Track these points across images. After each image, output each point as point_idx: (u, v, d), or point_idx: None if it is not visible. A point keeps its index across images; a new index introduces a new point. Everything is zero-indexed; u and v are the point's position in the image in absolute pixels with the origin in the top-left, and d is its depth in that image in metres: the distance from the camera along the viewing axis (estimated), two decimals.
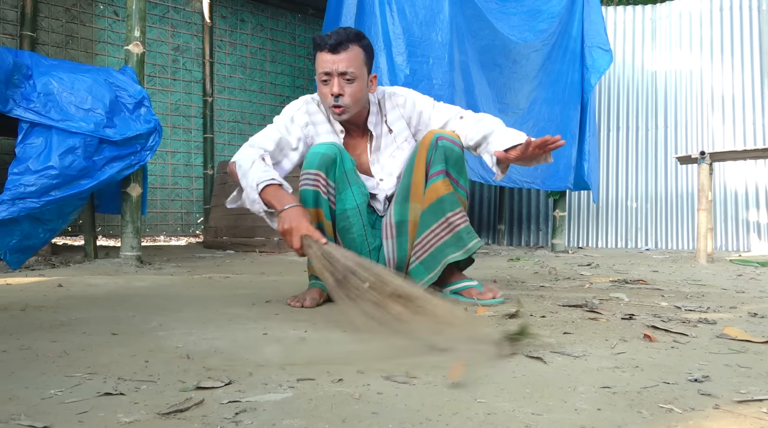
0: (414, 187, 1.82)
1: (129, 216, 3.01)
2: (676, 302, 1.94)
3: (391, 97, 1.96)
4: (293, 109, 1.92)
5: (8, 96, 2.57)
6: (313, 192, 1.77)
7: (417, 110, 1.95)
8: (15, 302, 1.76)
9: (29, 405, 0.81)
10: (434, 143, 1.79)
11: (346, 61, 1.76)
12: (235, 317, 1.57)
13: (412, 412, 0.80)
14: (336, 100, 1.78)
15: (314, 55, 1.84)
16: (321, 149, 1.78)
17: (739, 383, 0.95)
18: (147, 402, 0.82)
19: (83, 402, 0.82)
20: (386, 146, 1.95)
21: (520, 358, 1.11)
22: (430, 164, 1.80)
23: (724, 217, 5.42)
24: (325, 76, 1.78)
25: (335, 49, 1.76)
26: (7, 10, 4.58)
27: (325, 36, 1.78)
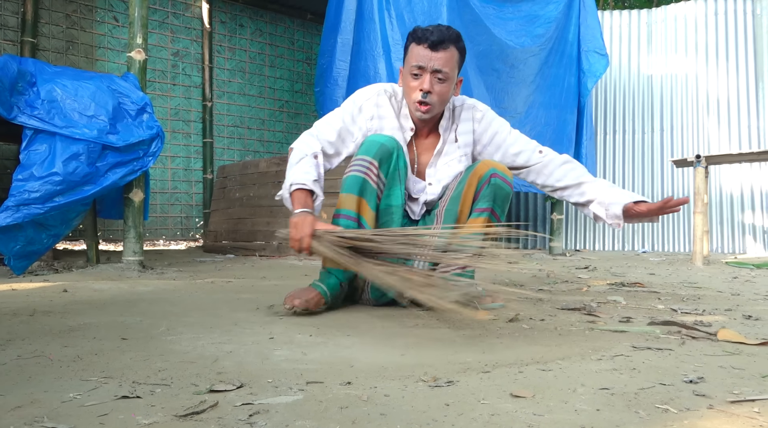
0: (459, 216, 1.83)
1: (131, 221, 3.04)
2: (673, 304, 1.98)
3: (470, 108, 1.94)
4: (363, 98, 1.88)
5: (12, 103, 2.59)
6: (361, 179, 1.73)
7: (492, 130, 1.93)
8: (23, 308, 1.78)
9: (50, 408, 0.84)
10: (487, 178, 1.78)
11: (443, 59, 1.74)
12: (240, 321, 1.60)
13: (419, 413, 0.83)
14: (424, 96, 1.76)
15: (407, 45, 1.82)
16: (381, 139, 1.75)
17: (732, 384, 0.98)
18: (163, 405, 0.85)
19: (102, 405, 0.85)
20: (447, 153, 1.92)
21: (521, 361, 1.14)
22: (478, 198, 1.80)
23: (720, 219, 5.47)
24: (418, 69, 1.75)
25: (436, 46, 1.73)
26: (8, 17, 4.61)
27: (427, 30, 1.76)
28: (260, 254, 4.37)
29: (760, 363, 1.13)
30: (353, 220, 1.73)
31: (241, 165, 4.97)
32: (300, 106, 6.50)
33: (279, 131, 6.34)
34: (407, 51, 1.81)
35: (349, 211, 1.73)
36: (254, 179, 4.71)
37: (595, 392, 0.94)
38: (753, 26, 5.55)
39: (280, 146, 6.36)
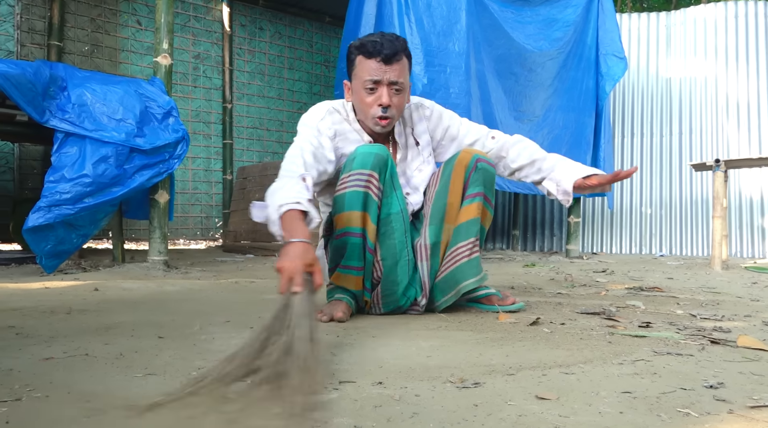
0: (449, 207, 1.79)
1: (157, 222, 3.11)
2: (692, 310, 1.99)
3: (418, 108, 1.92)
4: (316, 119, 1.77)
5: (45, 107, 2.68)
6: (363, 194, 1.64)
7: (443, 125, 1.94)
8: (59, 306, 1.85)
9: (105, 402, 0.89)
10: (473, 165, 1.77)
11: (397, 71, 1.72)
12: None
13: (449, 413, 0.88)
14: (384, 110, 1.72)
15: (353, 59, 1.76)
16: (373, 149, 1.67)
17: (752, 390, 1.01)
18: (214, 401, 0.90)
19: (152, 399, 0.91)
20: (413, 159, 1.90)
21: (545, 364, 1.18)
22: (468, 185, 1.78)
23: (738, 223, 5.44)
24: (373, 84, 1.71)
25: (389, 59, 1.70)
26: (35, 21, 4.72)
27: (375, 43, 1.71)
28: (279, 254, 4.43)
29: None
30: (360, 236, 1.66)
31: (260, 166, 5.04)
32: None
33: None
34: (354, 64, 1.76)
35: (356, 228, 1.66)
36: (274, 180, 4.77)
37: (617, 395, 0.97)
38: None
39: None
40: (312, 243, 1.32)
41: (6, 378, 1.02)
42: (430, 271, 1.80)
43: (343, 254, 1.69)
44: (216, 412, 0.83)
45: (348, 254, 1.68)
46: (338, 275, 1.73)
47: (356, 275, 1.71)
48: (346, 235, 1.67)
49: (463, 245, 1.77)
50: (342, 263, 1.71)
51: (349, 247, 1.67)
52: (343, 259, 1.69)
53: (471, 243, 1.77)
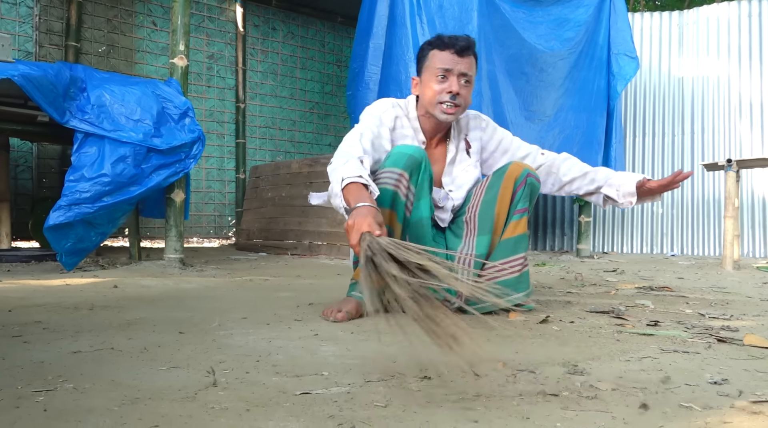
0: (497, 219, 1.82)
1: (173, 220, 3.17)
2: (701, 309, 2.02)
3: (475, 117, 2.04)
4: (380, 110, 1.88)
5: (65, 108, 2.74)
6: (392, 192, 1.66)
7: (498, 137, 2.04)
8: (81, 302, 1.91)
9: (133, 393, 0.94)
10: (524, 179, 1.81)
11: (468, 64, 1.83)
12: (284, 318, 1.70)
13: (464, 401, 0.91)
14: (453, 97, 1.81)
15: (425, 54, 1.86)
16: (409, 150, 1.71)
17: (755, 386, 1.04)
18: (242, 396, 0.95)
19: (180, 390, 0.96)
20: (461, 161, 1.98)
21: (553, 360, 1.22)
22: (516, 199, 1.81)
23: (751, 223, 5.42)
24: (445, 72, 1.81)
25: (462, 52, 1.81)
26: (53, 22, 4.80)
27: (452, 38, 1.83)
28: (292, 252, 4.49)
29: None
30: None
31: (273, 166, 5.10)
32: (330, 107, 6.61)
33: (309, 131, 6.46)
34: (428, 58, 1.85)
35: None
36: (286, 180, 4.83)
37: (623, 390, 1.00)
38: None
39: (311, 147, 6.48)
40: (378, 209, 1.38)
41: (39, 370, 1.07)
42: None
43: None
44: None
45: None
46: (359, 270, 1.71)
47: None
48: None
49: (514, 260, 1.82)
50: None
51: None
52: None
53: (522, 258, 1.83)
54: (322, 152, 6.48)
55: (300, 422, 0.82)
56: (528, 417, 0.86)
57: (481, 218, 1.85)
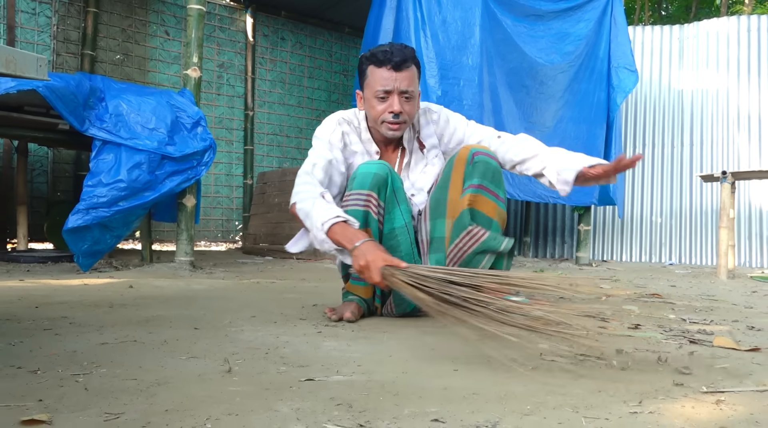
0: (450, 203, 1.81)
1: (184, 225, 3.31)
2: (684, 315, 2.13)
3: (425, 113, 1.99)
4: (327, 132, 1.89)
5: (85, 117, 2.89)
6: (363, 213, 1.73)
7: (451, 127, 1.99)
8: (101, 300, 2.05)
9: (157, 377, 1.07)
10: (470, 158, 1.78)
11: (407, 79, 1.79)
12: (290, 317, 1.82)
13: (449, 391, 1.04)
14: (395, 117, 1.80)
15: (364, 69, 1.85)
16: (372, 169, 1.75)
17: (712, 380, 1.16)
18: (247, 378, 1.08)
19: (200, 376, 1.09)
20: (417, 162, 1.97)
21: (531, 355, 1.34)
22: (466, 179, 1.79)
23: (748, 234, 5.52)
24: (384, 93, 1.79)
25: (399, 66, 1.78)
26: (70, 31, 4.97)
27: (386, 52, 1.78)
28: (297, 257, 4.62)
29: (743, 365, 1.30)
30: None
31: (280, 172, 5.24)
32: None
33: None
34: (366, 74, 1.84)
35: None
36: (293, 186, 4.96)
37: (592, 381, 1.13)
38: None
39: None
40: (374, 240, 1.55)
41: (73, 357, 1.20)
42: (433, 264, 1.80)
43: (350, 266, 1.73)
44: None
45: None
46: (350, 285, 1.88)
47: (364, 286, 1.83)
48: None
49: (461, 238, 1.77)
50: (352, 275, 1.84)
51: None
52: (352, 271, 1.78)
53: (468, 233, 1.76)
54: None
55: (305, 402, 0.95)
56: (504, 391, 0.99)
57: (433, 203, 1.85)
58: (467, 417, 0.90)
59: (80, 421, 0.82)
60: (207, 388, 1.01)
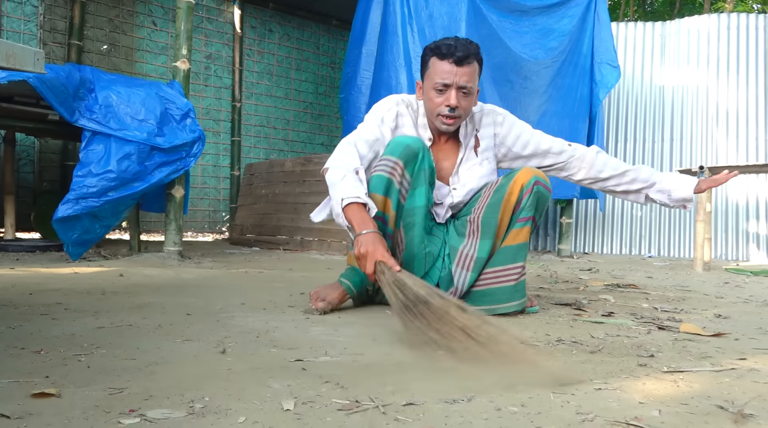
0: (500, 224, 1.82)
1: (173, 215, 3.35)
2: (657, 304, 2.23)
3: (489, 113, 1.99)
4: (383, 109, 1.90)
5: (75, 108, 2.92)
6: (387, 179, 1.71)
7: (516, 131, 1.98)
8: (93, 288, 2.10)
9: (155, 357, 1.13)
10: (530, 186, 1.79)
11: (467, 74, 1.78)
12: (278, 304, 1.89)
13: (422, 370, 1.11)
14: (451, 111, 1.79)
15: (427, 60, 1.84)
16: (407, 140, 1.75)
17: (674, 361, 1.25)
18: (239, 358, 1.15)
19: (194, 356, 1.15)
20: (468, 159, 1.95)
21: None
22: (521, 207, 1.80)
23: (725, 227, 5.67)
24: (443, 86, 1.79)
25: (461, 62, 1.77)
26: (57, 21, 4.96)
27: (450, 45, 1.78)
28: (284, 247, 4.68)
29: (704, 349, 1.39)
30: (380, 220, 1.70)
31: (267, 164, 5.28)
32: (323, 107, 6.80)
33: (303, 131, 6.65)
34: (428, 65, 1.84)
35: (377, 211, 1.69)
36: (280, 178, 5.02)
37: (564, 364, 1.21)
38: (765, 41, 5.72)
39: (304, 146, 6.67)
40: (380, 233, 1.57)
41: (73, 340, 1.26)
42: (468, 280, 1.82)
43: None
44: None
45: None
46: (352, 255, 1.77)
47: None
48: None
49: (512, 268, 1.82)
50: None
51: None
52: None
53: (520, 267, 1.82)
54: (315, 151, 6.67)
55: (295, 380, 1.02)
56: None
57: (485, 221, 1.84)
58: (445, 393, 0.97)
59: (87, 394, 0.89)
60: (203, 367, 1.07)
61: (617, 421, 0.85)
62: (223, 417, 0.82)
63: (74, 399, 0.87)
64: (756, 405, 0.94)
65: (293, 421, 0.81)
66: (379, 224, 1.69)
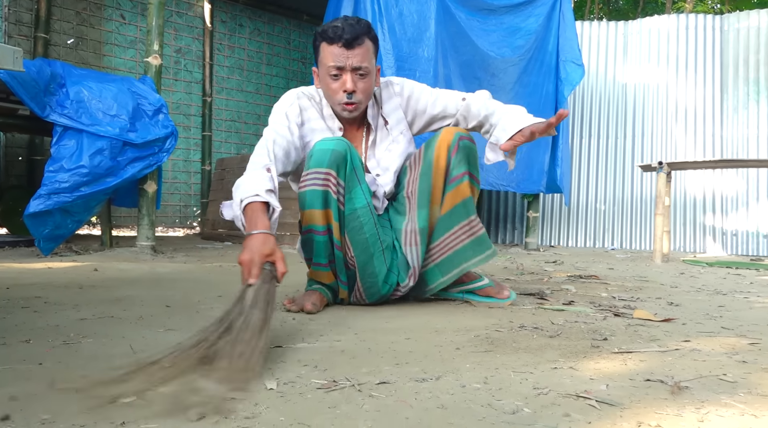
0: (434, 189, 1.77)
1: (145, 210, 3.37)
2: (615, 293, 2.36)
3: (387, 86, 1.91)
4: (285, 105, 1.80)
5: (46, 103, 2.91)
6: (322, 192, 1.65)
7: (415, 96, 1.92)
8: (69, 282, 2.13)
9: (139, 345, 1.19)
10: (455, 144, 1.74)
11: (360, 56, 1.70)
12: None
13: (395, 344, 1.20)
14: (349, 97, 1.73)
15: (318, 46, 1.76)
16: (330, 145, 1.65)
17: (625, 343, 1.36)
18: None
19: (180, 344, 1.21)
20: (381, 140, 1.89)
21: (477, 327, 1.51)
22: (452, 166, 1.76)
23: (683, 220, 5.90)
24: (337, 70, 1.71)
25: (351, 44, 1.68)
26: (22, 13, 4.88)
27: (336, 28, 1.69)
28: (242, 247, 4.71)
29: (654, 332, 1.51)
30: (324, 234, 1.68)
31: (239, 158, 5.30)
32: None
33: None
34: (319, 51, 1.76)
35: (319, 226, 1.67)
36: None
37: (524, 346, 1.31)
38: (720, 41, 5.96)
39: None
40: (272, 233, 1.37)
41: (57, 330, 1.31)
42: (420, 255, 1.80)
43: (311, 250, 1.72)
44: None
45: (316, 251, 1.71)
46: (312, 271, 1.80)
47: (326, 271, 1.75)
48: (311, 232, 1.69)
49: (461, 227, 1.78)
50: (313, 260, 1.75)
51: (316, 245, 1.70)
52: (313, 255, 1.73)
53: (469, 222, 1.78)
54: None
55: (276, 363, 1.09)
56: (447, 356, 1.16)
57: (420, 194, 1.80)
58: (415, 373, 1.06)
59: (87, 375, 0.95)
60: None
61: (569, 394, 0.95)
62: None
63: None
64: (692, 379, 1.05)
65: (277, 398, 0.89)
66: (323, 238, 1.68)
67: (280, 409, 0.84)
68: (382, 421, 0.81)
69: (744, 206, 5.72)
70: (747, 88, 5.83)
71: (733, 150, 5.83)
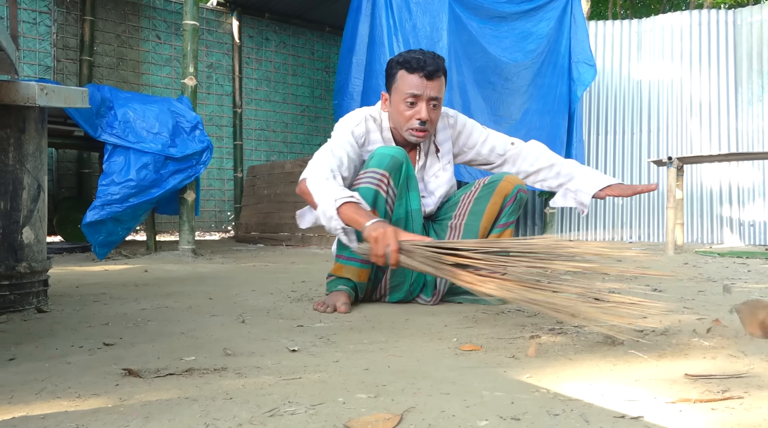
0: (481, 231, 1.92)
1: (186, 217, 3.73)
2: (610, 281, 2.59)
3: (443, 117, 2.01)
4: (352, 124, 1.91)
5: (97, 124, 3.29)
6: (374, 191, 1.74)
7: (467, 131, 2.05)
8: (126, 281, 2.47)
9: (191, 327, 1.51)
10: (513, 195, 1.90)
11: (437, 87, 1.84)
12: (283, 290, 2.26)
13: (396, 329, 1.49)
14: (422, 124, 1.84)
15: (394, 73, 1.87)
16: (391, 151, 1.78)
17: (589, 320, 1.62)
18: (259, 326, 1.52)
19: (221, 326, 1.53)
20: (431, 165, 2.01)
21: (468, 311, 1.79)
22: (503, 214, 1.92)
23: (700, 212, 6.04)
24: (413, 98, 1.83)
25: (431, 76, 1.82)
26: (69, 38, 5.33)
27: (419, 60, 1.82)
28: (287, 243, 5.06)
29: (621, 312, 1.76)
30: None
31: (269, 166, 5.66)
32: (319, 110, 7.18)
33: (301, 133, 7.03)
34: (396, 78, 1.86)
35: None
36: (281, 178, 5.40)
37: (501, 324, 1.58)
38: (734, 36, 6.07)
39: (302, 147, 7.05)
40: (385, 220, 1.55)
41: (125, 317, 1.64)
42: (448, 282, 1.87)
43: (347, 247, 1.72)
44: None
45: None
46: (340, 267, 1.84)
47: (362, 268, 1.82)
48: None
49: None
50: (347, 255, 1.81)
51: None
52: (350, 250, 1.74)
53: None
54: (313, 152, 6.84)
55: (298, 337, 1.39)
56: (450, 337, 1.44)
57: (467, 229, 1.93)
58: (412, 343, 1.34)
59: (152, 347, 1.26)
60: (229, 331, 1.45)
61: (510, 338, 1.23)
62: (248, 356, 1.19)
63: (145, 348, 1.24)
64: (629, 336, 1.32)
65: (297, 357, 1.19)
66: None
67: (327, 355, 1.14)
68: (377, 364, 1.10)
69: (761, 197, 5.83)
70: (761, 80, 5.94)
71: (749, 142, 5.95)
